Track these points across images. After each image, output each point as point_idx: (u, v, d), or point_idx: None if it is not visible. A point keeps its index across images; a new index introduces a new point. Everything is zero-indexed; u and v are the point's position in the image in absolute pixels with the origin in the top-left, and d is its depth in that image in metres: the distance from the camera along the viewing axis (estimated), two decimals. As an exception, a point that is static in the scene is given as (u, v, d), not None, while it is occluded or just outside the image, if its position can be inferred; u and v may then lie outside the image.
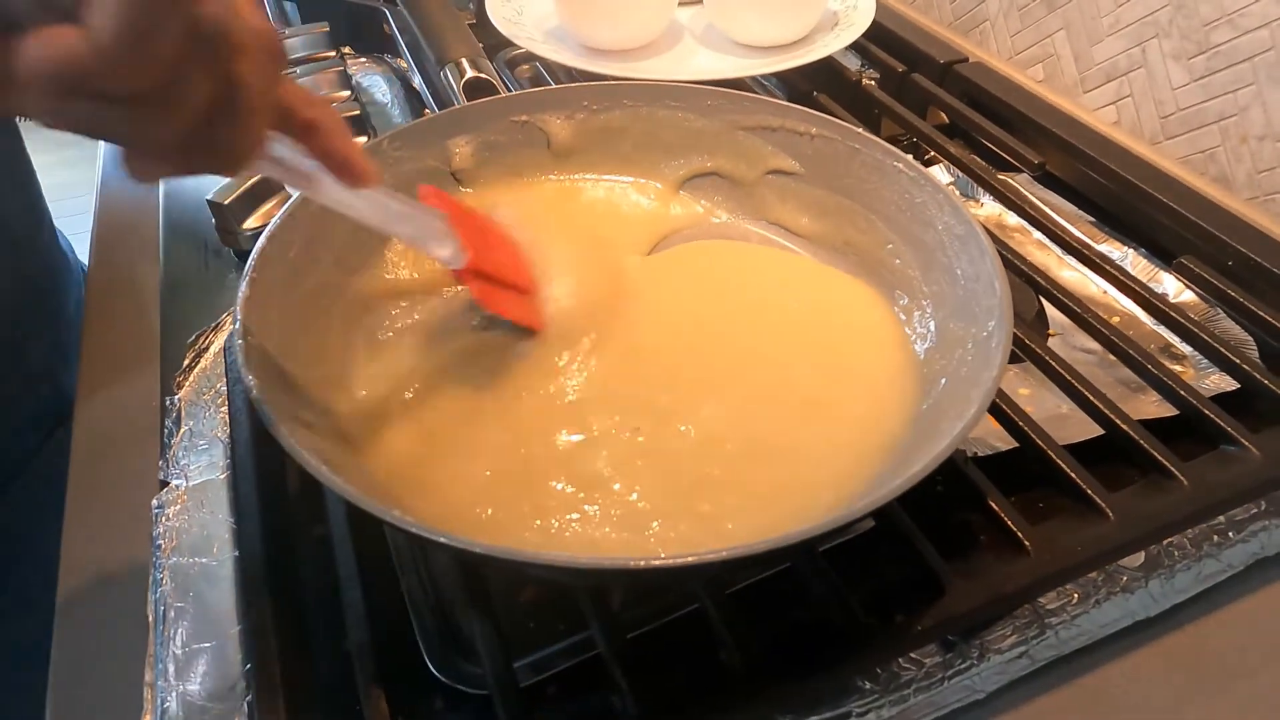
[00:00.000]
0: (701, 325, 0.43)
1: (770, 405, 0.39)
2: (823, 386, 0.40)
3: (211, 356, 0.48)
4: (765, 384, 0.40)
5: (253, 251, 0.37)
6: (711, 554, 0.31)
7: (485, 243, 0.40)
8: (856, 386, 0.39)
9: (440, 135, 0.46)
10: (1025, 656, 0.35)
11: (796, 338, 0.42)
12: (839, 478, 0.35)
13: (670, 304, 0.44)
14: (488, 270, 0.39)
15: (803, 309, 0.44)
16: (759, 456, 0.36)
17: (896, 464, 0.35)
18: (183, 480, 0.42)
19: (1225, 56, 0.59)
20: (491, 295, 0.39)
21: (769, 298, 0.45)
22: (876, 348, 0.41)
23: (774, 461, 0.36)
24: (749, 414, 0.38)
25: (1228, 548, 0.38)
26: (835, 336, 0.42)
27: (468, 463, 0.36)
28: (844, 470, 0.36)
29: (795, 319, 0.43)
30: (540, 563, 0.29)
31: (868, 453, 0.36)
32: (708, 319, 0.43)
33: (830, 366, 0.40)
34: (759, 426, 0.38)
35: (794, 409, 0.38)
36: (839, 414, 0.38)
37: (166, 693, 0.35)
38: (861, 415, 0.38)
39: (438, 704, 0.34)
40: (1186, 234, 0.52)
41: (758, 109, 0.48)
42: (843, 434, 0.37)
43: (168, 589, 0.38)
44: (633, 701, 0.31)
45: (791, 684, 0.32)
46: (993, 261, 0.37)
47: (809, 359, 0.41)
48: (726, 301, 0.45)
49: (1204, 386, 0.45)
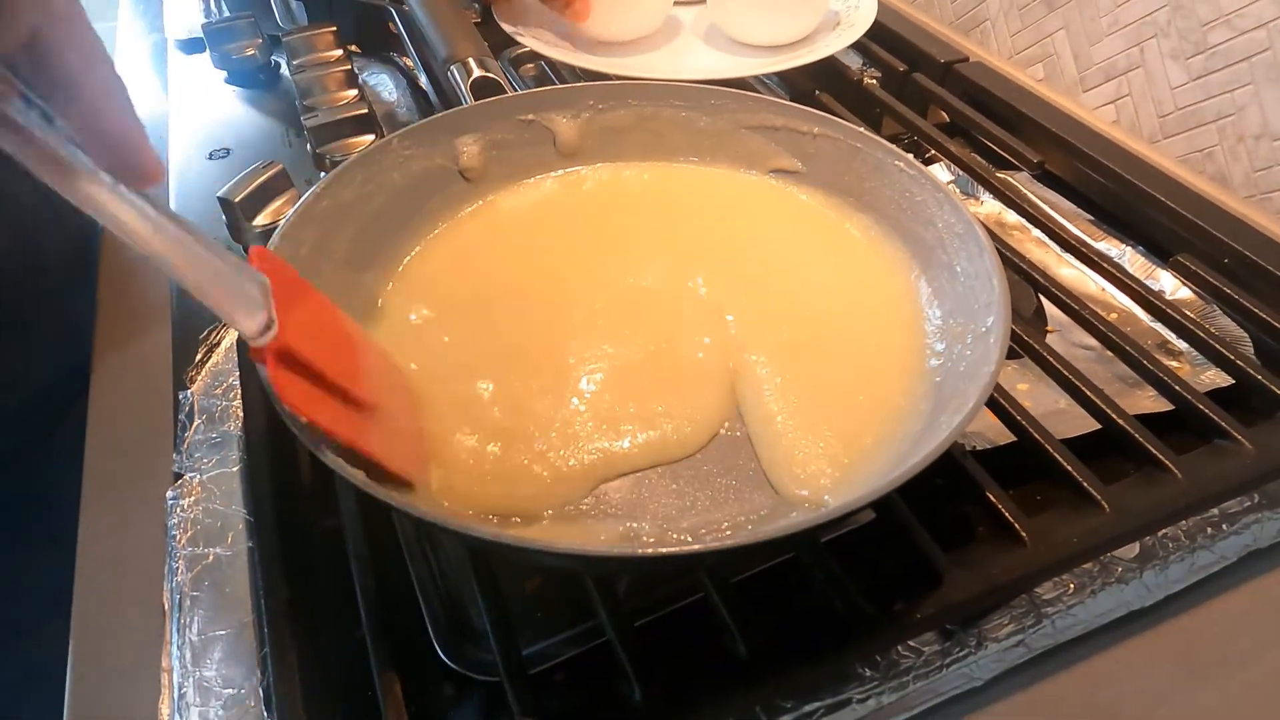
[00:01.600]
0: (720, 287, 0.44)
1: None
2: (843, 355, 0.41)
3: (223, 352, 0.49)
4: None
5: (267, 249, 0.38)
6: (716, 543, 0.32)
7: (314, 326, 0.32)
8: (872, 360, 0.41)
9: (448, 134, 0.47)
10: (1022, 645, 0.36)
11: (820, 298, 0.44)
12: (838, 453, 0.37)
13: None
14: (305, 356, 0.30)
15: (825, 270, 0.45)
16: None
17: (891, 456, 0.36)
18: (196, 473, 0.43)
19: (1223, 56, 0.59)
20: (295, 389, 0.30)
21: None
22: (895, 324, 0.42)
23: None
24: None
25: (1221, 540, 0.39)
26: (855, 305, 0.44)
27: (484, 443, 0.37)
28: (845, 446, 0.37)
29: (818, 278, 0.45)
30: (544, 550, 0.30)
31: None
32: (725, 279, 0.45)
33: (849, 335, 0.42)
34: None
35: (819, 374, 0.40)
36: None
37: (184, 678, 0.36)
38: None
39: (447, 690, 0.35)
40: (1184, 232, 0.53)
41: (761, 108, 0.48)
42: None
43: (183, 578, 0.39)
44: (640, 688, 0.32)
45: (794, 671, 0.33)
46: (991, 259, 0.37)
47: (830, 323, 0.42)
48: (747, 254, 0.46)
49: (1199, 382, 0.45)
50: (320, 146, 0.59)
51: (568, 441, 0.37)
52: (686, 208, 0.49)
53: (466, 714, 0.35)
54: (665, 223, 0.48)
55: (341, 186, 0.42)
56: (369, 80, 0.71)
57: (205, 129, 0.68)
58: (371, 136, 0.59)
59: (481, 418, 0.38)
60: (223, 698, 0.35)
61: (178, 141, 0.67)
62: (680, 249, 0.47)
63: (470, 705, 0.35)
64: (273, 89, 0.72)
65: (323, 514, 0.40)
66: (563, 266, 0.45)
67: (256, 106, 0.71)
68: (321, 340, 0.32)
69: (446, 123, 0.47)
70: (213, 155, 0.65)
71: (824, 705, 0.34)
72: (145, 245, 0.25)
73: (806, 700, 0.33)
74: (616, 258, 0.46)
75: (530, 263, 0.46)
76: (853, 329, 0.42)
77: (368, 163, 0.43)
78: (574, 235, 0.47)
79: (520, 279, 0.45)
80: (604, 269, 0.45)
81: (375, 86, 0.71)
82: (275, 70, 0.74)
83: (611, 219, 0.48)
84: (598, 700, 0.33)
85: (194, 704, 0.35)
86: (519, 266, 0.46)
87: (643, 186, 0.50)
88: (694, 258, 0.46)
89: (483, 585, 0.34)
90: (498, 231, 0.47)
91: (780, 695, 0.33)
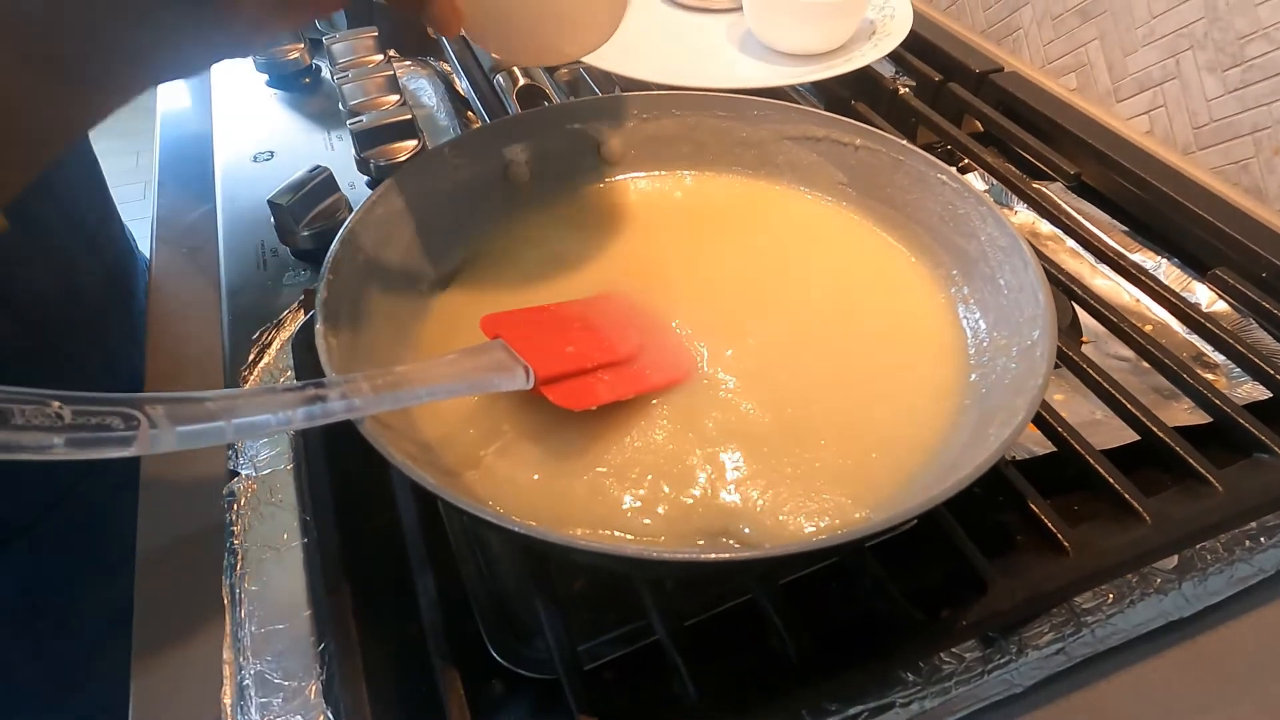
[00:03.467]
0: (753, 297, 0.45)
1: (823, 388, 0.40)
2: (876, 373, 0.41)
3: (274, 352, 0.50)
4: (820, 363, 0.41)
5: (328, 255, 0.39)
6: (762, 551, 0.33)
7: (551, 339, 0.38)
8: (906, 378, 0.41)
9: (498, 141, 0.48)
10: (1062, 653, 0.37)
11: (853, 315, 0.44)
12: (876, 473, 0.37)
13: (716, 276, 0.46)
14: (566, 369, 0.37)
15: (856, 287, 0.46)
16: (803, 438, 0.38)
17: (935, 466, 0.36)
18: (251, 470, 0.45)
19: (1260, 70, 0.59)
20: (580, 391, 0.37)
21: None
22: (930, 340, 0.43)
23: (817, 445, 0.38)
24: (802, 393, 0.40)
25: (1259, 553, 0.39)
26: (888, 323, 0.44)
27: (532, 446, 0.38)
28: (885, 467, 0.37)
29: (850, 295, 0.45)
30: (601, 552, 0.31)
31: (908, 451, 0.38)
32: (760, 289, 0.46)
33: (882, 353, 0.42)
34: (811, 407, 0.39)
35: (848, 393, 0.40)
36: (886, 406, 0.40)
37: (244, 669, 0.37)
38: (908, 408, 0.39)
39: (498, 687, 0.36)
40: (1219, 244, 0.53)
41: (803, 119, 0.49)
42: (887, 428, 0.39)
43: (240, 573, 0.40)
44: (693, 686, 0.33)
45: (840, 674, 0.34)
46: (1036, 273, 0.38)
47: (864, 341, 0.43)
48: (779, 268, 0.47)
49: (1236, 395, 0.46)
50: (364, 151, 0.60)
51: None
52: (728, 220, 0.50)
53: (518, 711, 0.36)
54: (706, 236, 0.49)
55: (397, 193, 0.43)
56: (408, 84, 0.73)
57: (250, 133, 0.69)
58: (414, 141, 0.60)
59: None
60: (283, 690, 0.36)
61: (223, 145, 0.68)
62: (719, 264, 0.47)
63: (520, 702, 0.36)
64: (315, 93, 0.74)
65: (380, 510, 0.41)
66: (606, 276, 0.46)
67: (299, 110, 0.72)
68: (559, 347, 0.38)
69: (496, 131, 0.48)
70: (258, 158, 0.66)
71: (868, 709, 0.34)
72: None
73: (851, 703, 0.34)
74: (660, 267, 0.47)
75: (575, 271, 0.47)
76: (894, 335, 0.43)
77: (421, 170, 0.45)
78: (616, 245, 0.48)
79: (565, 287, 0.46)
80: (645, 277, 0.46)
81: (415, 91, 0.72)
82: (318, 74, 0.76)
83: (655, 229, 0.49)
84: (651, 698, 0.34)
85: (255, 695, 0.36)
86: (565, 274, 0.46)
87: (685, 197, 0.51)
88: (734, 269, 0.47)
89: (540, 586, 0.35)
90: (544, 239, 0.48)
91: (826, 697, 0.34)
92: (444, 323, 0.43)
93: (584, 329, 0.40)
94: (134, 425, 0.26)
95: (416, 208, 0.44)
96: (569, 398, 0.36)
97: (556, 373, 0.36)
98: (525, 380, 0.35)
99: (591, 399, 0.37)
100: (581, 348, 0.39)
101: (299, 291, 0.53)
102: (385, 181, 0.43)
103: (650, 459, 0.37)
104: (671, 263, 0.47)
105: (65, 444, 0.24)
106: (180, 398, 0.27)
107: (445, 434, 0.38)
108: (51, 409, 0.24)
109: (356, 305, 0.40)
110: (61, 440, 0.24)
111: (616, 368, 0.39)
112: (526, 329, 0.38)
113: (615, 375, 0.39)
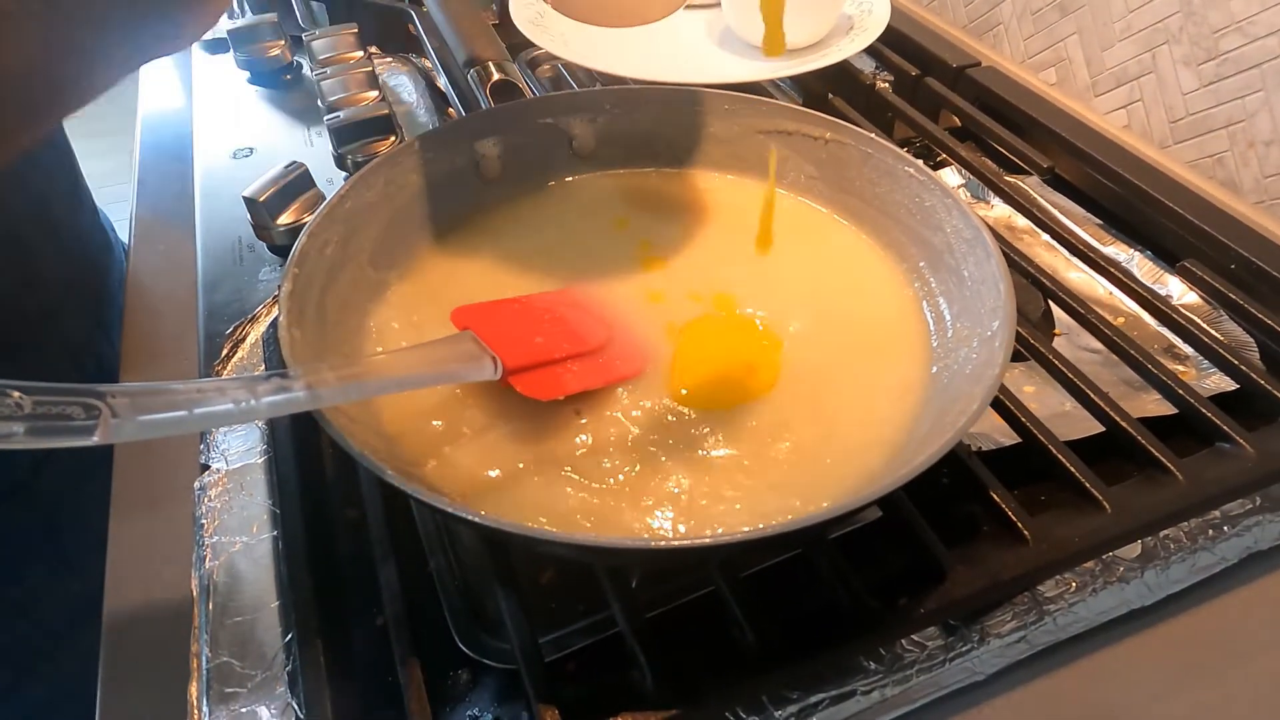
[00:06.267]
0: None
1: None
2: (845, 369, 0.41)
3: (248, 347, 0.51)
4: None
5: (293, 249, 0.39)
6: (718, 538, 0.33)
7: (520, 330, 0.39)
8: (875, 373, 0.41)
9: (469, 137, 0.48)
10: (1024, 641, 0.37)
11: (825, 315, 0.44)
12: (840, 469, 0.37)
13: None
14: (533, 360, 0.37)
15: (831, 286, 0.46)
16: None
17: (896, 461, 0.37)
18: (222, 463, 0.45)
19: (1234, 63, 0.60)
20: (548, 382, 0.37)
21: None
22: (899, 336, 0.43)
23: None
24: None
25: (1222, 541, 0.39)
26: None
27: (491, 436, 0.38)
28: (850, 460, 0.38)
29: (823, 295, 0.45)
30: (562, 542, 0.32)
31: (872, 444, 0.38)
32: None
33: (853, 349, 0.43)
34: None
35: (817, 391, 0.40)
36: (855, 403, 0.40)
37: (212, 662, 0.37)
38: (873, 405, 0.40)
39: (464, 677, 0.37)
40: (1192, 238, 0.53)
41: (774, 114, 0.49)
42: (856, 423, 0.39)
43: (210, 565, 0.41)
44: (651, 677, 0.33)
45: (800, 662, 0.34)
46: (997, 264, 0.38)
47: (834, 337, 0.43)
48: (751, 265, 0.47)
49: (1204, 386, 0.46)
50: (342, 147, 0.60)
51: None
52: (698, 215, 0.50)
53: (481, 700, 0.36)
54: (676, 231, 0.49)
55: (365, 188, 0.43)
56: (388, 80, 0.73)
57: (229, 129, 0.69)
58: (392, 138, 0.60)
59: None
60: (250, 680, 0.36)
61: (202, 141, 0.68)
62: (691, 254, 0.48)
63: (485, 691, 0.36)
64: (296, 90, 0.74)
65: (346, 504, 0.41)
66: (574, 270, 0.46)
67: (279, 106, 0.72)
68: (528, 338, 0.38)
69: (467, 126, 0.48)
70: (237, 155, 0.66)
71: (829, 696, 0.35)
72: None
73: (812, 691, 0.34)
74: (628, 262, 0.47)
75: (544, 264, 0.47)
76: (861, 331, 0.43)
77: (390, 165, 0.45)
78: (586, 239, 0.48)
79: (534, 280, 0.46)
80: (614, 271, 0.46)
81: (395, 87, 0.72)
82: (298, 71, 0.76)
83: (623, 223, 0.49)
84: (611, 689, 0.34)
85: (222, 688, 0.36)
86: (534, 267, 0.47)
87: (655, 192, 0.51)
88: (703, 264, 0.47)
89: (501, 576, 0.36)
90: (515, 233, 0.49)
91: (787, 686, 0.34)
92: (412, 316, 0.44)
93: (553, 321, 0.41)
94: (95, 415, 0.26)
95: (386, 202, 0.45)
96: (536, 388, 0.36)
97: (524, 363, 0.37)
98: (493, 371, 0.36)
99: (559, 389, 0.37)
100: (550, 339, 0.39)
101: (274, 286, 0.53)
102: (353, 175, 0.43)
103: (612, 455, 0.37)
104: (640, 257, 0.47)
105: (26, 433, 0.24)
106: (142, 388, 0.27)
107: (409, 426, 0.38)
108: (11, 399, 0.24)
109: (323, 299, 0.40)
110: (22, 429, 0.24)
111: (584, 358, 0.39)
112: (496, 321, 0.39)
113: (583, 366, 0.39)
